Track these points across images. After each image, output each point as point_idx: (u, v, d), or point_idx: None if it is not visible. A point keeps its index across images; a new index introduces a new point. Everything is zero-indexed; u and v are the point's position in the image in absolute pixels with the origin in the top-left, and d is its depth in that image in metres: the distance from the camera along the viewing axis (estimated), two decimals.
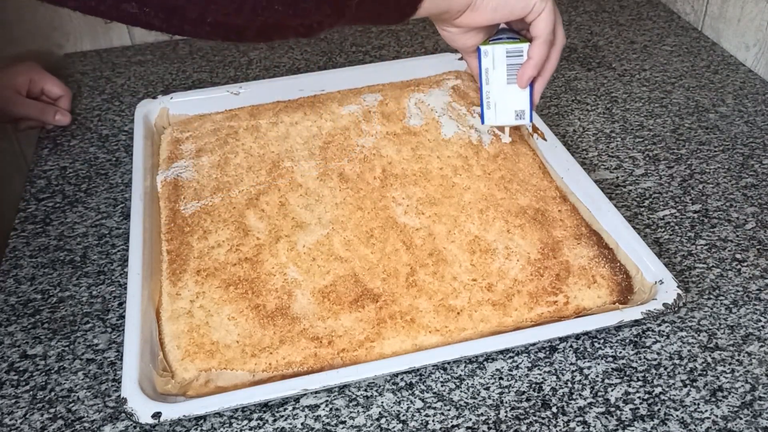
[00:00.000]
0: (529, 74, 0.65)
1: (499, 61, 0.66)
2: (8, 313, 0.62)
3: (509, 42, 0.65)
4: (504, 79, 0.66)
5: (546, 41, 0.63)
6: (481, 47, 0.65)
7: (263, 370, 0.54)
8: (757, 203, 0.73)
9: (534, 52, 0.64)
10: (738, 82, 0.92)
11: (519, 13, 0.61)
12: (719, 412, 0.53)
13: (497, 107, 0.68)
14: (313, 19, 0.49)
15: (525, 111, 0.68)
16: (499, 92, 0.67)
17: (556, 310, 0.59)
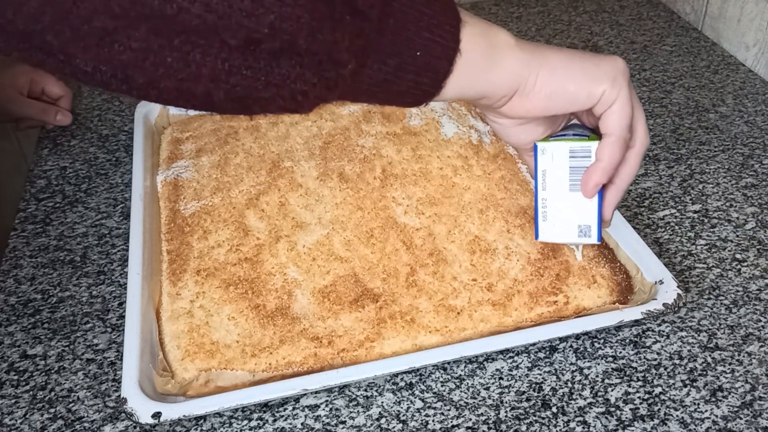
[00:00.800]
0: (595, 181, 0.52)
1: (560, 162, 0.53)
2: (8, 313, 0.62)
3: (574, 140, 0.53)
4: (566, 186, 0.54)
5: (619, 139, 0.50)
6: (538, 144, 0.54)
7: (263, 370, 0.54)
8: (757, 203, 0.73)
9: (603, 153, 0.51)
10: (738, 82, 0.92)
11: (582, 103, 0.50)
12: (719, 412, 0.53)
13: (556, 219, 0.55)
14: (295, 89, 0.39)
15: (591, 227, 0.55)
16: (559, 201, 0.55)
17: (556, 310, 0.59)
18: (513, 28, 1.06)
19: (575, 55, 0.50)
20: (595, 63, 0.50)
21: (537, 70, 0.48)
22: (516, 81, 0.48)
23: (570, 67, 0.49)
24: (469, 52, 0.45)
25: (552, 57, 0.49)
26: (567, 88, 0.49)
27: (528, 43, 0.48)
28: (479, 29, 0.46)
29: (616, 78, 0.49)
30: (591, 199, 0.54)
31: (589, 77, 0.49)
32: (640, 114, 0.52)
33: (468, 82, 0.46)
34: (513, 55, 0.47)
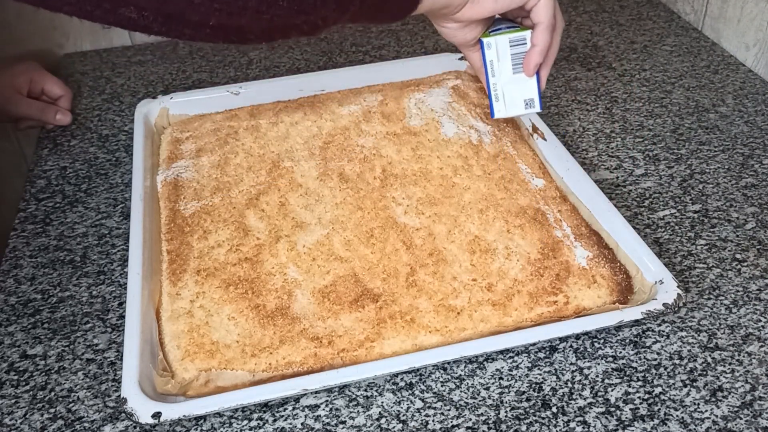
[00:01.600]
0: (535, 61, 0.64)
1: (504, 52, 0.65)
2: (8, 313, 0.62)
3: (511, 31, 0.64)
4: (510, 69, 0.66)
5: (548, 26, 0.62)
6: (483, 39, 0.65)
7: (263, 370, 0.54)
8: (757, 203, 0.73)
9: (538, 39, 0.63)
10: (738, 82, 0.92)
11: (519, 1, 0.61)
12: (719, 412, 0.53)
13: (506, 98, 0.68)
14: (318, 16, 0.48)
15: (534, 99, 0.67)
16: (507, 83, 0.67)
17: (556, 310, 0.59)
18: None
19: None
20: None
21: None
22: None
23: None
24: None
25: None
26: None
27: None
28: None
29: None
30: (531, 78, 0.66)
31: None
32: (556, 3, 0.63)
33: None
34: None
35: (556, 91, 0.91)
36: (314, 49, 1.02)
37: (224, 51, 1.02)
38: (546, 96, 0.90)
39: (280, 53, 1.01)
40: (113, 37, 1.04)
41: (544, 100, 0.88)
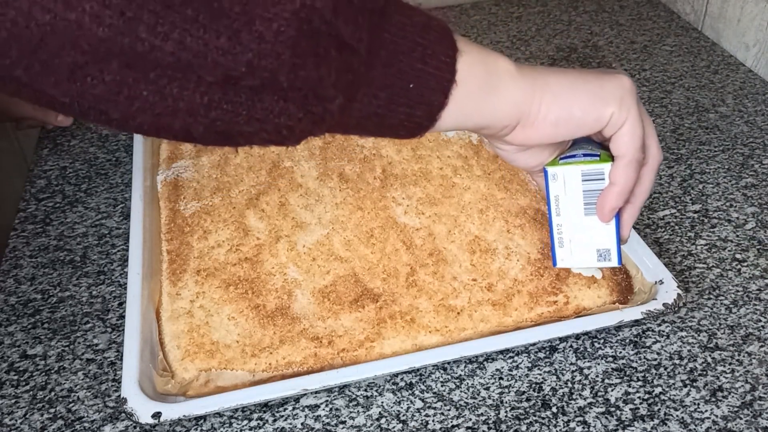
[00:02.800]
0: (611, 205, 0.50)
1: (574, 187, 0.51)
2: (8, 313, 0.62)
3: (585, 162, 0.50)
4: (581, 209, 0.52)
5: (632, 161, 0.48)
6: (548, 168, 0.51)
7: (263, 370, 0.54)
8: (757, 203, 0.73)
9: (617, 176, 0.49)
10: (738, 82, 0.92)
11: (591, 128, 0.48)
12: (719, 412, 0.53)
13: (573, 245, 0.53)
14: (279, 124, 0.38)
15: (611, 250, 0.52)
16: (576, 225, 0.52)
17: (556, 310, 0.59)
18: (513, 28, 1.06)
19: (579, 76, 0.48)
20: (599, 84, 0.47)
21: (540, 97, 0.46)
22: (518, 110, 0.46)
23: (574, 90, 0.47)
24: (466, 82, 0.43)
25: (554, 81, 0.47)
26: (573, 113, 0.46)
27: (529, 68, 0.47)
28: (477, 57, 0.44)
29: (624, 98, 0.47)
30: (608, 223, 0.52)
31: (595, 100, 0.47)
32: (651, 130, 0.50)
33: (466, 113, 0.44)
34: (513, 83, 0.45)
35: None
36: None
37: None
38: None
39: None
40: None
41: None
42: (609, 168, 0.49)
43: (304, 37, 0.35)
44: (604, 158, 0.50)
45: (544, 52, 1.00)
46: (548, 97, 0.46)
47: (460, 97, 0.43)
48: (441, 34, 0.42)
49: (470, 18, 1.09)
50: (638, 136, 0.48)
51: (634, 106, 0.48)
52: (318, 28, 0.35)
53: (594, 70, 0.49)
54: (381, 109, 0.41)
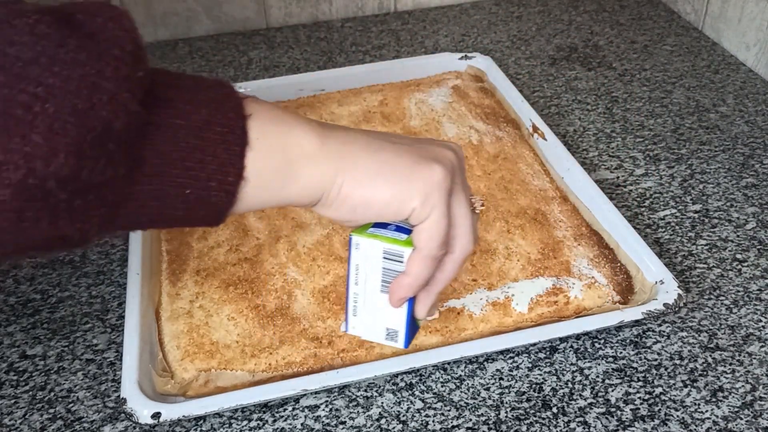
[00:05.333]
0: (399, 294, 0.46)
1: (374, 260, 0.47)
2: (8, 313, 0.62)
3: (389, 240, 0.46)
4: (377, 285, 0.48)
5: (428, 257, 0.45)
6: (353, 236, 0.47)
7: (263, 371, 0.54)
8: (757, 203, 0.72)
9: (410, 267, 0.46)
10: (738, 82, 0.92)
11: (392, 218, 0.45)
12: (720, 413, 0.53)
13: (365, 316, 0.49)
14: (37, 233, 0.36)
15: (399, 333, 0.49)
16: (370, 298, 0.49)
17: (556, 311, 0.59)
18: (513, 28, 1.06)
19: (389, 161, 0.45)
20: (407, 176, 0.44)
21: (342, 181, 0.43)
22: (317, 193, 0.44)
23: (379, 178, 0.44)
24: (258, 175, 0.41)
25: (361, 164, 0.44)
26: (372, 203, 0.44)
27: (337, 144, 0.44)
28: (273, 144, 0.42)
29: (429, 195, 0.44)
30: None
31: (398, 192, 0.44)
32: (463, 222, 0.46)
33: (259, 201, 0.43)
34: (314, 166, 0.43)
35: (556, 91, 0.91)
36: (314, 49, 1.02)
37: (224, 51, 1.02)
38: (546, 96, 0.90)
39: (279, 53, 1.01)
40: None
41: (544, 100, 0.88)
42: (409, 253, 0.46)
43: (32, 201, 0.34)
44: (408, 243, 0.46)
45: (545, 51, 1.00)
46: (350, 182, 0.44)
47: (251, 190, 0.41)
48: (226, 128, 0.40)
49: (470, 18, 1.09)
50: (438, 234, 0.44)
51: (440, 203, 0.44)
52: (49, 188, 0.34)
53: (414, 149, 0.46)
54: (155, 215, 0.40)
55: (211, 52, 1.02)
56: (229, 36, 1.06)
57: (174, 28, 1.05)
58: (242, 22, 1.07)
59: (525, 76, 0.94)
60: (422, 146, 0.47)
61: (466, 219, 0.47)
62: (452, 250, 0.47)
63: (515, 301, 0.58)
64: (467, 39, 1.04)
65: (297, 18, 1.09)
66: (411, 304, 0.48)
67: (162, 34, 1.05)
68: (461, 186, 0.47)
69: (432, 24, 1.08)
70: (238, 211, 0.42)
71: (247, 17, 1.07)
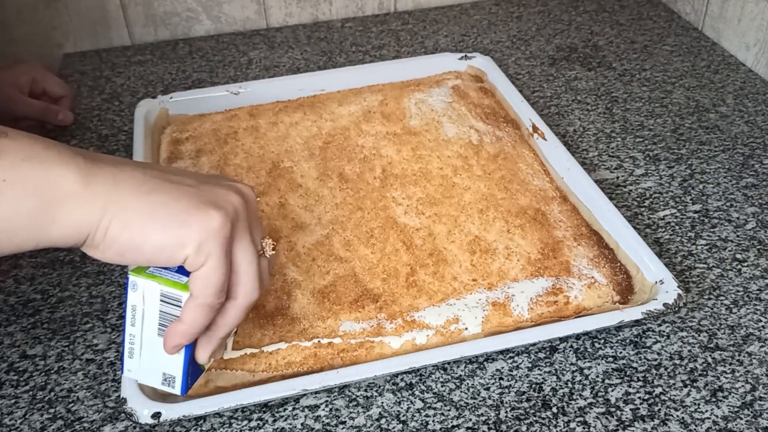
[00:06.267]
0: (174, 342, 0.45)
1: (151, 303, 0.46)
2: (8, 313, 0.62)
3: (168, 282, 0.45)
4: (155, 329, 0.46)
5: (202, 305, 0.44)
6: (130, 276, 0.46)
7: (263, 370, 0.54)
8: (757, 203, 0.73)
9: (185, 314, 0.44)
10: (738, 82, 0.92)
11: (164, 263, 0.43)
12: (719, 413, 0.53)
13: (142, 360, 0.47)
14: None
15: (176, 378, 0.47)
16: (148, 342, 0.47)
17: (556, 310, 0.59)
18: (513, 28, 1.06)
19: (163, 203, 0.42)
20: (182, 221, 0.42)
21: (108, 222, 0.41)
22: (79, 236, 0.41)
23: (152, 221, 0.42)
24: (8, 220, 0.39)
25: (130, 206, 0.42)
26: (141, 248, 0.42)
27: (104, 184, 0.41)
28: (25, 185, 0.39)
29: (203, 243, 0.42)
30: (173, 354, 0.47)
31: (171, 238, 0.42)
32: (247, 269, 0.45)
33: (14, 246, 0.40)
34: (76, 207, 0.40)
35: (556, 91, 0.91)
36: (314, 49, 1.02)
37: (224, 51, 1.02)
38: (546, 96, 0.90)
39: (279, 53, 1.01)
40: (113, 37, 1.04)
41: (544, 100, 0.88)
42: (187, 297, 0.45)
43: None
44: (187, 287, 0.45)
45: (544, 52, 1.00)
46: (117, 225, 0.41)
47: (3, 235, 0.39)
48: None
49: (470, 18, 1.09)
50: (213, 283, 0.43)
51: (217, 250, 0.43)
52: None
53: (194, 192, 0.44)
54: None
55: (211, 52, 1.02)
56: (229, 36, 1.06)
57: (174, 28, 1.05)
58: (242, 22, 1.07)
59: (525, 76, 0.94)
60: (206, 188, 0.45)
61: (250, 265, 0.45)
62: (235, 296, 0.45)
63: (515, 301, 0.58)
64: (467, 39, 1.04)
65: (297, 18, 1.09)
66: (189, 350, 0.46)
67: (162, 34, 1.05)
68: (246, 231, 0.45)
69: (432, 24, 1.08)
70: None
71: (247, 17, 1.07)
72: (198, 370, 0.49)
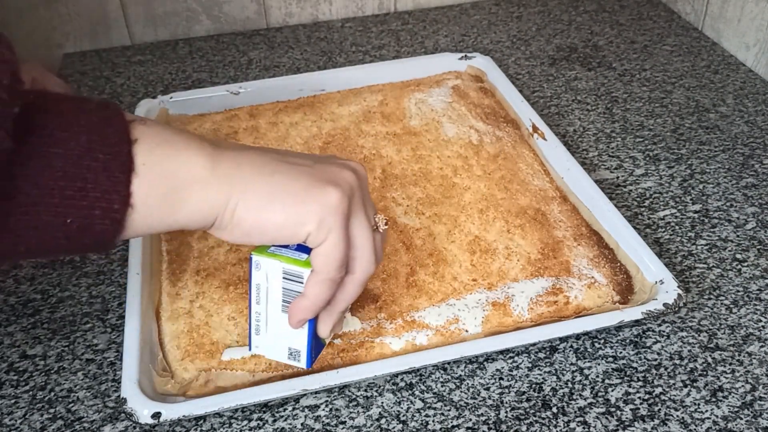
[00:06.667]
0: (298, 317, 0.47)
1: (275, 280, 0.48)
2: (8, 313, 0.62)
3: (290, 260, 0.47)
4: (279, 305, 0.49)
5: (325, 280, 0.46)
6: (253, 255, 0.48)
7: (263, 371, 0.54)
8: (757, 203, 0.73)
9: (308, 290, 0.46)
10: (738, 82, 0.92)
11: (287, 241, 0.45)
12: (719, 413, 0.53)
13: (268, 336, 0.50)
14: None
15: (301, 352, 0.50)
16: (273, 318, 0.49)
17: (556, 310, 0.59)
18: (513, 28, 1.06)
19: (283, 185, 0.44)
20: (302, 200, 0.44)
21: (234, 205, 0.43)
22: (208, 218, 0.43)
23: (272, 202, 0.44)
24: (145, 202, 0.41)
25: (254, 188, 0.44)
26: (266, 227, 0.44)
27: (229, 167, 0.43)
28: (160, 168, 0.41)
29: (324, 220, 0.44)
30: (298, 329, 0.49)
31: (293, 216, 0.44)
32: (365, 243, 0.47)
33: (148, 227, 0.42)
34: (204, 191, 0.42)
35: (556, 91, 0.91)
36: (314, 49, 1.02)
37: (224, 51, 1.02)
38: (546, 96, 0.90)
39: (280, 53, 1.01)
40: (113, 37, 1.04)
41: (544, 100, 0.88)
42: (308, 274, 0.46)
43: None
44: (308, 263, 0.47)
45: (545, 52, 1.00)
46: (242, 206, 0.43)
47: (138, 217, 0.41)
48: (109, 155, 0.39)
49: (470, 18, 1.09)
50: (335, 258, 0.45)
51: (337, 226, 0.44)
52: None
53: (311, 171, 0.46)
54: (33, 245, 0.39)
55: (211, 52, 1.02)
56: (229, 36, 1.06)
57: (174, 28, 1.05)
58: (242, 22, 1.07)
59: (525, 76, 0.94)
60: (321, 167, 0.46)
61: (367, 240, 0.47)
62: (353, 271, 0.47)
63: (515, 301, 0.58)
64: (467, 39, 1.04)
65: (297, 18, 1.09)
66: (312, 324, 0.49)
67: (162, 34, 1.05)
68: (361, 206, 0.47)
69: (432, 24, 1.08)
70: (126, 237, 0.41)
71: (247, 17, 1.07)
72: (320, 344, 0.51)
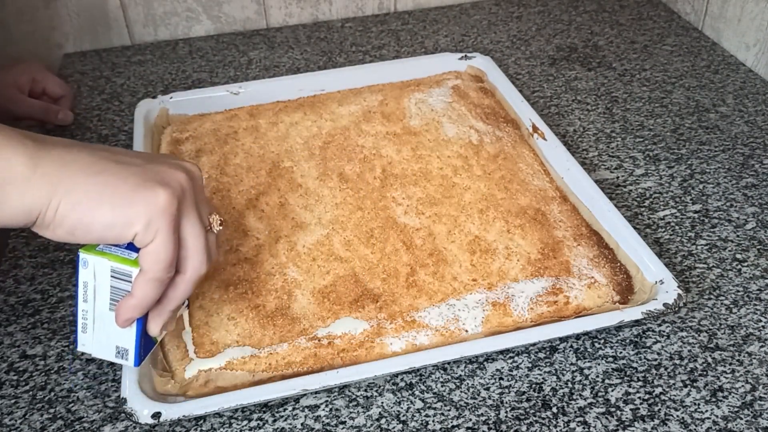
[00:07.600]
0: (125, 316, 0.47)
1: (103, 279, 0.47)
2: (8, 313, 0.62)
3: (118, 258, 0.46)
4: (106, 304, 0.48)
5: (152, 279, 0.45)
6: (81, 253, 0.47)
7: (263, 370, 0.54)
8: (757, 203, 0.73)
9: (135, 289, 0.46)
10: (738, 82, 0.92)
11: (114, 241, 0.45)
12: (719, 413, 0.53)
13: (95, 334, 0.49)
14: None
15: (129, 351, 0.49)
16: (100, 317, 0.49)
17: (556, 310, 0.59)
18: (513, 28, 1.06)
19: (110, 184, 0.44)
20: (129, 199, 0.44)
21: (57, 203, 0.42)
22: (29, 216, 0.42)
23: (99, 201, 0.43)
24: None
25: (81, 186, 0.43)
26: (92, 227, 0.43)
27: (52, 165, 0.43)
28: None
29: (152, 220, 0.44)
30: None
31: (119, 216, 0.43)
32: (194, 243, 0.47)
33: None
34: (25, 188, 0.42)
35: (556, 91, 0.91)
36: (314, 49, 1.02)
37: (224, 51, 1.02)
38: (546, 96, 0.90)
39: (280, 53, 1.01)
40: (113, 37, 1.04)
41: (544, 100, 0.88)
42: (136, 273, 0.46)
43: None
44: (136, 263, 0.46)
45: (544, 52, 1.00)
46: (66, 204, 0.42)
47: None
48: None
49: (470, 18, 1.09)
50: (163, 258, 0.45)
51: (165, 226, 0.44)
52: None
53: (141, 171, 0.45)
54: None
55: (211, 52, 1.02)
56: (229, 36, 1.06)
57: (174, 28, 1.05)
58: (242, 22, 1.07)
59: (525, 76, 0.94)
60: (152, 167, 0.46)
61: (198, 240, 0.47)
62: (184, 271, 0.47)
63: (515, 301, 0.58)
64: (467, 39, 1.04)
65: (297, 18, 1.09)
66: (141, 323, 0.48)
67: (162, 34, 1.05)
68: (193, 207, 0.47)
69: (432, 24, 1.08)
70: None
71: (247, 17, 1.07)
72: (150, 342, 0.50)
